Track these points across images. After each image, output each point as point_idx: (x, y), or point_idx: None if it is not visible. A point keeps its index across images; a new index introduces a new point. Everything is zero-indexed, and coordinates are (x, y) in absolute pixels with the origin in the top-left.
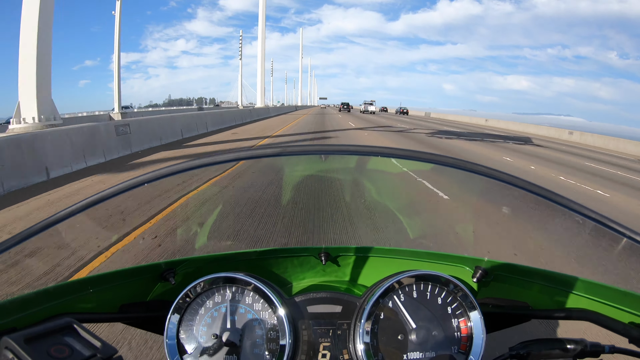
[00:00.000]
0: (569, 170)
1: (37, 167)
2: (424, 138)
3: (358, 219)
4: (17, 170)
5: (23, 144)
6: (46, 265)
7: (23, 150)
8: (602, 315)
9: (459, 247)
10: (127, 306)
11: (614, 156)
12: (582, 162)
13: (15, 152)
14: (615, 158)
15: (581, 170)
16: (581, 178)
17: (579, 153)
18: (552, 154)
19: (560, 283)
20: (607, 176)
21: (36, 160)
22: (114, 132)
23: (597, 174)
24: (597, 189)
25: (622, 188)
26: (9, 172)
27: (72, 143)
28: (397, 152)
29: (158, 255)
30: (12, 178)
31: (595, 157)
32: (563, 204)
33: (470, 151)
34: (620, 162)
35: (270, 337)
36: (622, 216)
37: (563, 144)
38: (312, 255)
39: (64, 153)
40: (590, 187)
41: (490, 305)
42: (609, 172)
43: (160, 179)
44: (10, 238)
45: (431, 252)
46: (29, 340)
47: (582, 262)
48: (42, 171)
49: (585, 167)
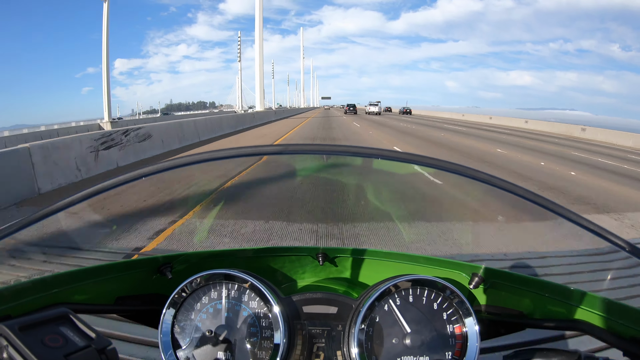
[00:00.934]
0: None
1: None
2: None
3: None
4: None
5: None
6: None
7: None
8: (597, 327)
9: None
10: (123, 299)
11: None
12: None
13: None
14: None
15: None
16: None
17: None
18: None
19: (556, 293)
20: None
21: None
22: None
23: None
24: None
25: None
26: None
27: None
28: (399, 156)
29: None
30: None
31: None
32: (562, 214)
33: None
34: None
35: (264, 336)
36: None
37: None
38: (309, 255)
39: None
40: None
41: (485, 312)
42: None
43: (160, 172)
44: (10, 225)
45: (428, 257)
46: (24, 328)
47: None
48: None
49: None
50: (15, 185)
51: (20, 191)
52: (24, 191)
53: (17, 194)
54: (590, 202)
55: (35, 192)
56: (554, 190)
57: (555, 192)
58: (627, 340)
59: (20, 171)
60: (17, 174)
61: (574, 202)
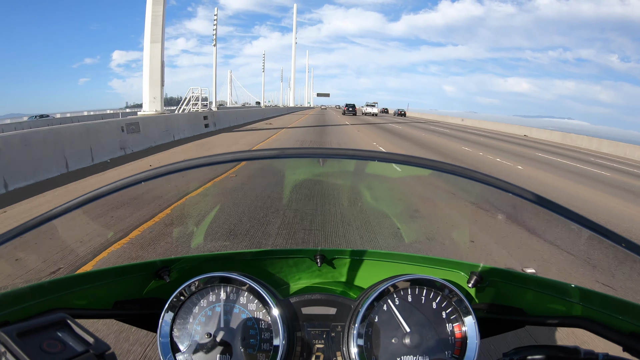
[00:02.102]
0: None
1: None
2: None
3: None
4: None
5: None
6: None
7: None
8: (596, 323)
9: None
10: (121, 303)
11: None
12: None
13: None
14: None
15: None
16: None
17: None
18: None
19: (555, 290)
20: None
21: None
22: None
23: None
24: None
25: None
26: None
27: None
28: (396, 157)
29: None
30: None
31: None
32: (559, 212)
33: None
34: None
35: (264, 338)
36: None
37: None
38: (307, 257)
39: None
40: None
41: (484, 310)
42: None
43: (157, 177)
44: (6, 232)
45: (427, 257)
46: (22, 334)
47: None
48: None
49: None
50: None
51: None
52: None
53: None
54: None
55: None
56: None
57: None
58: (627, 336)
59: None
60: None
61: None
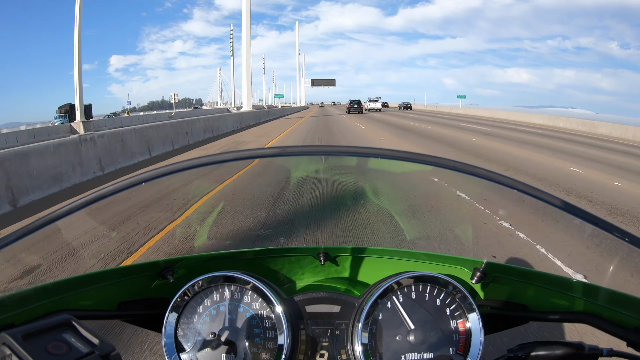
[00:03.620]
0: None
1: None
2: None
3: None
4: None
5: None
6: None
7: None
8: (600, 318)
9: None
10: (125, 304)
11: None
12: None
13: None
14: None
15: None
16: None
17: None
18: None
19: (558, 285)
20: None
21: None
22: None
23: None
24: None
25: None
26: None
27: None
28: (397, 154)
29: None
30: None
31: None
32: (561, 206)
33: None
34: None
35: (268, 336)
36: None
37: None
38: (310, 255)
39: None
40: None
41: (488, 307)
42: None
43: (160, 177)
44: (9, 235)
45: (430, 254)
46: (27, 336)
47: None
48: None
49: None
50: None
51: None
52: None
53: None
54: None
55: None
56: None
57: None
58: (630, 331)
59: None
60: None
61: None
